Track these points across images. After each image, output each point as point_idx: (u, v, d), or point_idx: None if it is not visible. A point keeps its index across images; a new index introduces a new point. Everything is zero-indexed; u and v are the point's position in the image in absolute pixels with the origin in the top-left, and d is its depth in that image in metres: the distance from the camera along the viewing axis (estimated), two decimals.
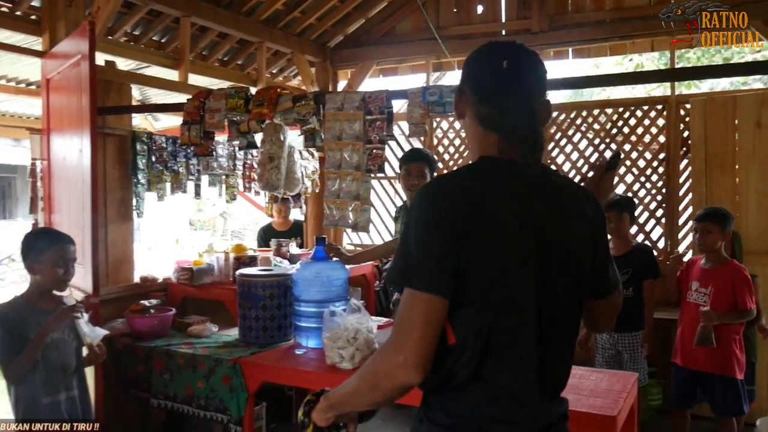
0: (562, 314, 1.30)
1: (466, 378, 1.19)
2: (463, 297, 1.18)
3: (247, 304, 3.31)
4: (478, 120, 1.31)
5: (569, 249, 1.30)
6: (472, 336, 1.17)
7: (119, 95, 3.83)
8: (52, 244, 2.55)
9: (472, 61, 1.35)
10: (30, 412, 2.50)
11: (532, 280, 1.22)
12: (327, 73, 5.88)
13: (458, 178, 1.27)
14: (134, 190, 3.96)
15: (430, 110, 2.76)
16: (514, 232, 1.21)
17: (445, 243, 1.17)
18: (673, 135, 4.85)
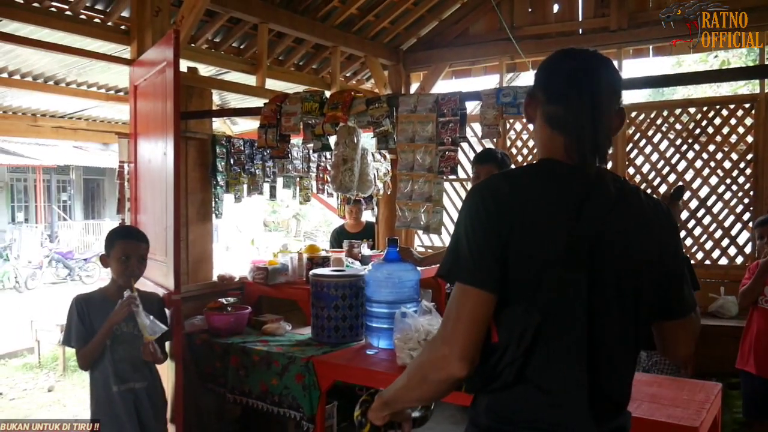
0: (616, 325, 1.25)
1: (511, 379, 1.19)
2: (509, 296, 1.18)
3: (320, 303, 3.37)
4: (545, 120, 1.31)
5: (627, 259, 1.25)
6: (516, 335, 1.17)
7: (201, 100, 3.98)
8: (119, 240, 2.72)
9: (545, 64, 1.37)
10: (103, 398, 2.69)
11: (581, 286, 1.19)
12: (400, 75, 5.91)
13: (511, 178, 1.29)
14: (213, 192, 4.10)
15: (504, 111, 2.73)
16: (562, 236, 1.20)
17: (492, 240, 1.18)
18: (762, 135, 4.61)
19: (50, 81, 5.04)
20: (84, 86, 5.28)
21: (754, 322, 3.42)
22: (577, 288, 1.19)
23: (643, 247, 1.28)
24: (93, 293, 2.83)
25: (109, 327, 2.63)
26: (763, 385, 3.34)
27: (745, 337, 3.46)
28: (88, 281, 13.08)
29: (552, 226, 1.20)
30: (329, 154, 4.90)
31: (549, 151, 1.31)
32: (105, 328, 2.63)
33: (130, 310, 2.61)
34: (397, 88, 5.86)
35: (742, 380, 3.52)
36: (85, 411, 4.91)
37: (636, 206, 1.30)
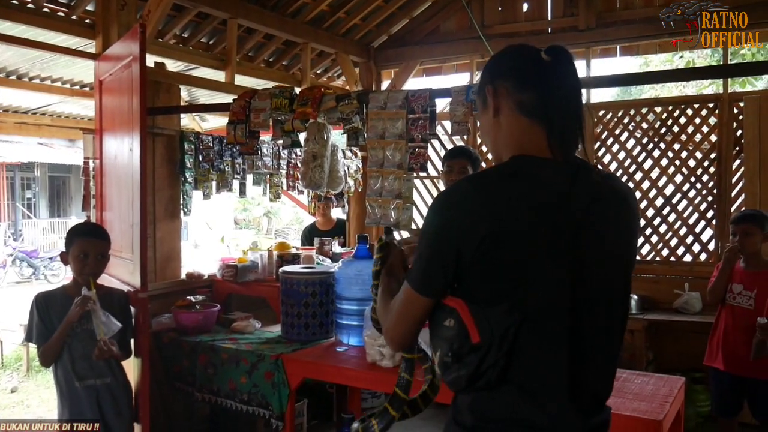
0: (602, 320, 1.25)
1: (494, 379, 1.17)
2: (489, 297, 1.17)
3: (290, 301, 3.35)
4: (517, 108, 1.26)
5: (613, 251, 1.26)
6: (498, 336, 1.14)
7: (168, 96, 3.93)
8: (78, 237, 2.70)
9: (505, 56, 1.32)
10: (68, 393, 2.68)
11: (565, 282, 1.18)
12: (371, 72, 5.90)
13: (481, 182, 1.23)
14: (182, 189, 4.05)
15: (474, 108, 2.74)
16: (544, 232, 1.17)
17: (445, 248, 1.19)
18: (726, 134, 4.71)
19: (12, 75, 4.93)
20: (48, 81, 5.17)
21: (722, 319, 3.46)
22: (561, 286, 1.18)
23: (628, 238, 1.30)
24: (54, 291, 2.80)
25: (66, 325, 2.61)
26: (732, 381, 3.38)
27: (714, 333, 3.51)
28: (54, 280, 12.81)
29: (533, 224, 1.17)
30: (299, 150, 4.88)
31: (524, 144, 1.26)
32: (63, 326, 2.61)
33: (85, 308, 2.58)
34: (368, 85, 5.85)
35: (711, 377, 3.56)
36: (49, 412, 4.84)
37: (616, 195, 1.29)
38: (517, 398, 1.18)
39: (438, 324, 1.22)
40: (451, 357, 1.18)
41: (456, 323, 1.17)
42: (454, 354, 1.17)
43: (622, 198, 1.29)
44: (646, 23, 4.87)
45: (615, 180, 1.34)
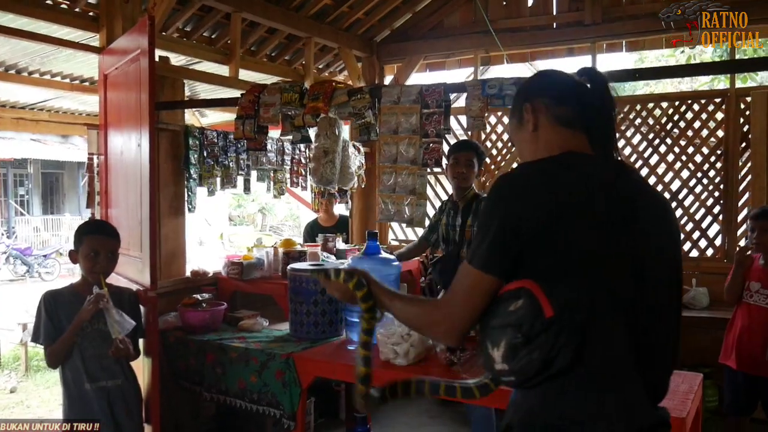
0: (662, 307, 1.27)
1: (567, 361, 1.14)
2: (555, 273, 1.17)
3: (299, 299, 3.30)
4: (557, 122, 1.36)
5: (663, 249, 1.30)
6: (570, 307, 1.14)
7: (173, 90, 3.86)
8: (88, 235, 2.64)
9: (540, 78, 1.47)
10: (76, 396, 2.62)
11: (625, 266, 1.21)
12: (374, 67, 5.85)
13: (540, 166, 1.30)
14: (186, 185, 3.99)
15: (490, 103, 2.70)
16: (600, 215, 1.22)
17: (505, 229, 1.21)
18: (732, 129, 4.69)
19: (11, 70, 4.84)
20: (47, 75, 5.08)
21: (738, 318, 3.43)
22: (621, 268, 1.21)
23: (673, 242, 1.36)
24: (62, 289, 2.73)
25: (77, 324, 2.55)
26: (746, 380, 3.35)
27: (729, 331, 3.48)
28: (48, 278, 12.71)
29: (590, 207, 1.22)
30: (304, 146, 4.84)
31: (568, 147, 1.34)
32: (73, 325, 2.55)
33: (98, 307, 2.52)
34: (370, 80, 5.80)
35: (725, 375, 3.52)
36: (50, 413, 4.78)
37: (657, 195, 1.39)
38: (593, 385, 1.17)
39: (500, 314, 1.20)
40: (521, 338, 1.15)
41: (524, 302, 1.16)
42: (524, 335, 1.14)
43: (663, 203, 1.40)
44: (653, 18, 4.82)
45: (653, 187, 1.45)
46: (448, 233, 3.44)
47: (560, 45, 5.32)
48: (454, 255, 3.35)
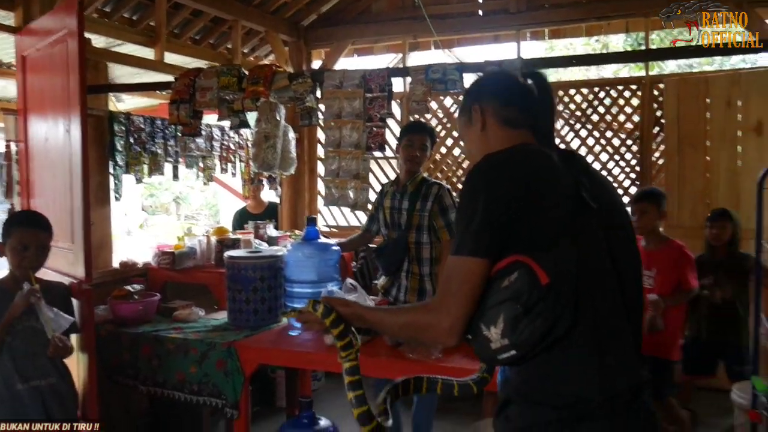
0: (633, 284, 1.36)
1: (569, 323, 1.19)
2: (543, 241, 1.23)
3: (237, 286, 3.25)
4: (503, 123, 1.46)
5: (624, 225, 1.41)
6: (563, 273, 1.19)
7: (96, 73, 3.69)
8: (16, 228, 2.50)
9: (488, 79, 1.56)
10: (7, 396, 2.48)
11: (601, 237, 1.30)
12: (301, 52, 5.77)
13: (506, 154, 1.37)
14: (112, 173, 3.84)
15: (433, 88, 2.74)
16: (571, 190, 1.30)
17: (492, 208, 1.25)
18: (647, 114, 4.96)
19: None
20: None
21: None
22: (599, 238, 1.30)
23: (627, 221, 1.45)
24: None
25: (6, 322, 2.41)
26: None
27: None
28: None
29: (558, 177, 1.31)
30: (233, 132, 4.74)
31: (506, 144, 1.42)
32: (2, 323, 2.41)
33: (29, 303, 2.40)
34: (298, 65, 5.72)
35: None
36: None
37: (603, 177, 1.52)
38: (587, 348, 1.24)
39: (493, 293, 1.23)
40: (521, 309, 1.18)
41: (519, 274, 1.20)
42: (523, 305, 1.18)
43: (611, 185, 1.51)
44: (574, 7, 5.03)
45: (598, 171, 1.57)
46: (393, 217, 3.34)
47: (486, 32, 5.43)
48: (402, 240, 3.30)
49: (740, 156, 4.59)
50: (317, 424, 3.00)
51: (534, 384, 1.27)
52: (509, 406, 1.32)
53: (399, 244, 3.24)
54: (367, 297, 2.96)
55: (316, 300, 1.45)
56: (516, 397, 1.30)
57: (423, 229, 3.25)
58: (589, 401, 1.22)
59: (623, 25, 5.19)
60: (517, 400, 1.30)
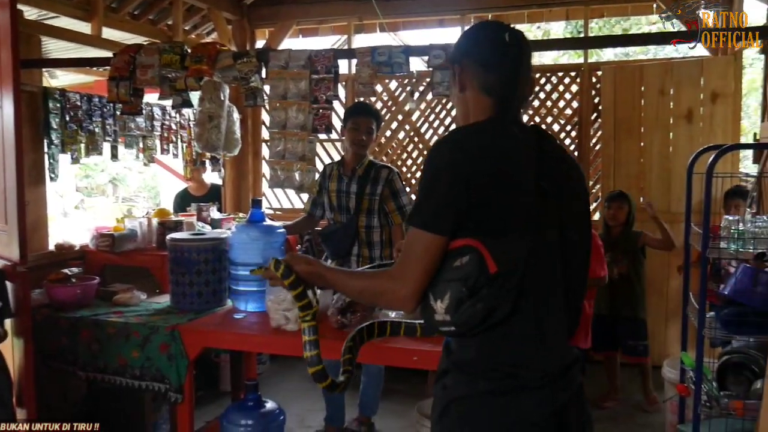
0: (578, 269, 1.40)
1: (508, 310, 1.24)
2: (497, 230, 1.26)
3: (180, 269, 3.19)
4: (482, 89, 1.41)
5: (581, 210, 1.45)
6: (512, 261, 1.23)
7: (28, 47, 3.53)
8: None
9: (472, 36, 1.48)
10: None
11: (555, 221, 1.33)
12: (244, 31, 5.65)
13: (474, 129, 1.37)
14: (47, 152, 3.69)
15: (379, 71, 2.74)
16: (532, 174, 1.31)
17: (456, 187, 1.26)
18: (585, 101, 5.10)
19: None
20: None
21: None
22: (553, 222, 1.33)
23: (585, 202, 1.49)
24: None
25: None
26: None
27: None
28: None
29: (524, 167, 1.31)
30: (175, 112, 4.62)
31: (481, 113, 1.41)
32: None
33: None
34: (241, 44, 5.60)
35: None
36: None
37: (570, 157, 1.51)
38: (526, 331, 1.28)
39: (446, 269, 1.28)
40: (466, 292, 1.23)
41: (470, 259, 1.24)
42: (469, 289, 1.23)
43: (576, 166, 1.51)
44: None
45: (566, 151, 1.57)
46: (341, 200, 3.33)
47: (431, 16, 5.46)
48: (352, 224, 3.30)
49: (672, 142, 4.79)
50: (263, 406, 2.98)
51: (473, 358, 1.31)
52: (447, 374, 1.37)
53: (349, 228, 3.24)
54: None
55: (278, 259, 1.46)
56: (453, 367, 1.35)
57: (374, 212, 3.26)
58: (524, 377, 1.28)
59: (564, 12, 5.31)
60: (455, 370, 1.35)
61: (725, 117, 4.62)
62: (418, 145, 5.49)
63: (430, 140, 5.45)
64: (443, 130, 5.42)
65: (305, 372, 1.56)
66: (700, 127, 4.69)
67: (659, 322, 4.76)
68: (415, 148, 5.51)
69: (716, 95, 4.62)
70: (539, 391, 1.27)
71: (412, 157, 5.52)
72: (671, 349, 4.71)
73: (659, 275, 4.75)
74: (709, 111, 4.66)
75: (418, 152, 5.50)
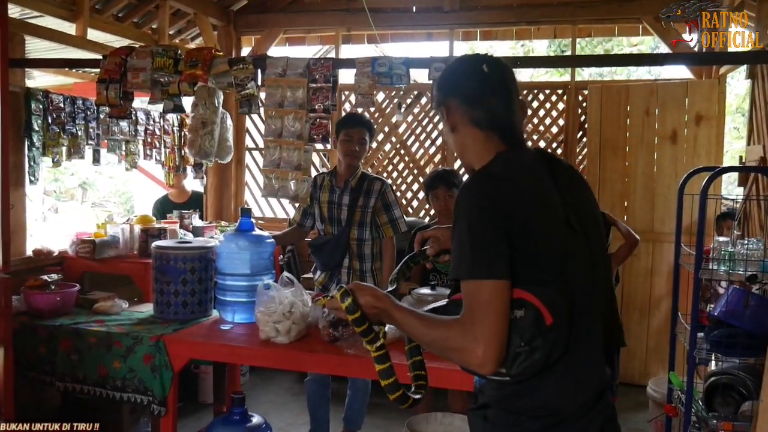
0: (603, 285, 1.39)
1: (561, 353, 1.23)
2: (541, 279, 1.22)
3: (165, 278, 3.11)
4: (473, 124, 1.39)
5: (599, 233, 1.42)
6: (565, 308, 1.21)
7: (11, 46, 3.40)
8: None
9: (451, 75, 1.46)
10: None
11: (585, 251, 1.31)
12: (230, 38, 5.60)
13: (498, 172, 1.30)
14: (28, 154, 3.58)
15: (378, 81, 2.71)
16: (559, 213, 1.29)
17: (500, 230, 1.21)
18: (572, 119, 5.14)
19: None
20: None
21: None
22: (586, 261, 1.31)
23: (599, 222, 1.45)
24: None
25: None
26: None
27: None
28: None
29: (551, 208, 1.28)
30: (159, 116, 4.53)
31: (491, 147, 1.38)
32: None
33: None
34: (227, 51, 5.54)
35: None
36: None
37: (580, 176, 1.49)
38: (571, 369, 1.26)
39: None
40: (524, 346, 1.19)
41: (526, 313, 1.20)
42: (527, 343, 1.19)
43: (585, 183, 1.49)
44: (506, 10, 5.14)
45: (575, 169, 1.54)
46: (332, 212, 3.29)
47: (420, 29, 5.46)
48: (343, 236, 3.24)
49: (656, 162, 4.84)
50: (249, 420, 2.91)
51: (518, 396, 1.29)
52: (489, 408, 1.34)
53: (340, 240, 3.19)
54: (304, 291, 2.92)
55: (346, 290, 1.38)
56: (495, 403, 1.33)
57: (365, 225, 3.22)
58: (565, 410, 1.27)
59: (551, 31, 5.36)
60: (497, 406, 1.33)
61: (709, 139, 4.69)
62: (404, 158, 5.47)
63: (416, 153, 5.44)
64: (429, 143, 5.42)
65: (286, 384, 1.49)
66: (684, 148, 4.75)
67: (641, 340, 4.80)
68: (401, 161, 5.49)
69: (700, 117, 4.70)
70: (579, 421, 1.28)
71: (398, 170, 5.49)
72: (651, 368, 4.74)
73: (641, 293, 4.79)
74: (693, 132, 4.72)
75: (404, 165, 5.48)
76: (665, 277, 4.69)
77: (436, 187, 3.17)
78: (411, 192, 5.45)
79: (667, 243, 4.58)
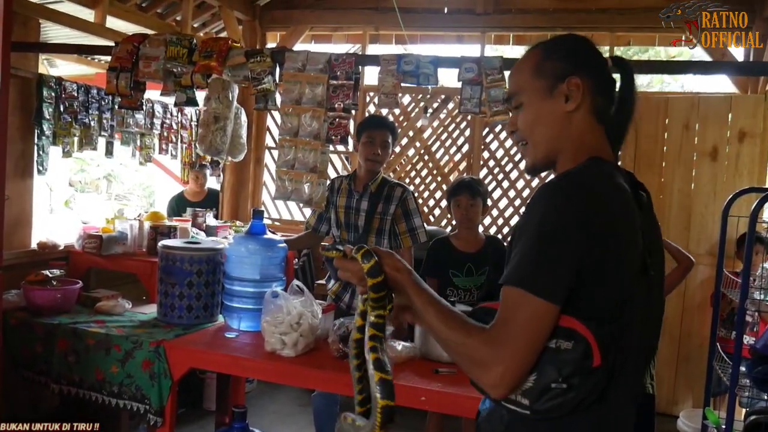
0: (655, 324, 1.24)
1: (595, 399, 1.04)
2: (603, 315, 1.04)
3: (170, 280, 2.95)
4: (593, 111, 1.19)
5: (661, 262, 1.25)
6: (612, 353, 1.03)
7: (25, 30, 3.31)
8: None
9: (585, 50, 1.23)
10: None
11: (647, 291, 1.14)
12: (255, 33, 5.46)
13: (592, 187, 1.09)
14: (37, 143, 3.45)
15: (404, 80, 2.52)
16: (641, 242, 1.11)
17: (574, 258, 1.03)
18: None
19: None
20: None
21: None
22: (643, 301, 1.12)
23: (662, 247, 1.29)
24: None
25: None
26: None
27: None
28: None
29: (634, 244, 1.09)
30: (176, 110, 4.40)
31: (596, 148, 1.19)
32: None
33: None
34: (251, 46, 5.39)
35: None
36: None
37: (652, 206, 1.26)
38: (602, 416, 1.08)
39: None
40: (561, 381, 1.01)
41: (574, 347, 1.01)
42: (564, 379, 1.01)
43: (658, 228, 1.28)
44: (540, 15, 4.93)
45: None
46: (349, 217, 3.09)
47: (450, 31, 5.27)
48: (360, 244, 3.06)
49: (694, 179, 4.59)
50: None
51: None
52: None
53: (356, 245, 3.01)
54: (314, 301, 2.74)
55: (369, 251, 1.14)
56: None
57: (383, 233, 3.03)
58: None
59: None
60: None
61: (752, 157, 4.43)
62: (428, 164, 5.27)
63: (440, 160, 5.23)
64: (455, 149, 5.20)
65: (294, 394, 1.26)
66: (725, 165, 4.49)
67: (670, 366, 4.54)
68: (425, 167, 5.28)
69: (744, 134, 4.43)
70: None
71: (421, 176, 5.29)
72: (680, 396, 4.49)
73: (671, 316, 4.53)
74: (735, 150, 4.46)
75: (427, 171, 5.27)
76: (698, 301, 4.44)
77: (459, 195, 3.02)
78: (434, 200, 5.25)
79: (702, 265, 4.33)
